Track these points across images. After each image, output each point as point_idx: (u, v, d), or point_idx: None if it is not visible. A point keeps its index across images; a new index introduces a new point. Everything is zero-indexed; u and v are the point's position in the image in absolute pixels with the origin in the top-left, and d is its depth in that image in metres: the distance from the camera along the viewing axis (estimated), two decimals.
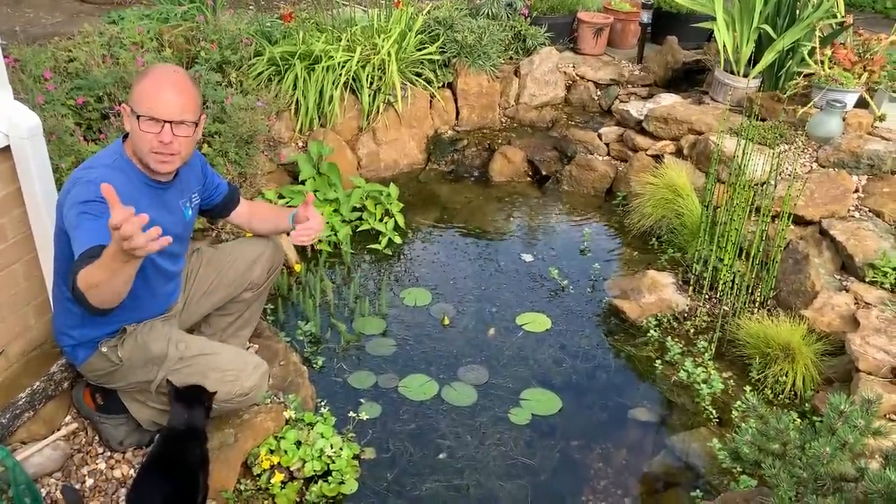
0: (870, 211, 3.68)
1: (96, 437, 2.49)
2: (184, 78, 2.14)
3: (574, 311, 3.55)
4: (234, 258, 2.67)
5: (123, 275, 1.78)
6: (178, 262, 2.43)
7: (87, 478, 2.37)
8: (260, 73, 4.32)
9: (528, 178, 4.86)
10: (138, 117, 2.04)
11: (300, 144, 4.39)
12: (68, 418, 2.53)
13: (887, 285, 3.23)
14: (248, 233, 2.91)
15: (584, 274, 3.83)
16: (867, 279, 3.29)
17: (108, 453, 2.46)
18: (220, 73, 3.98)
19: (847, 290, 3.28)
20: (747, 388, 3.03)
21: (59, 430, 2.47)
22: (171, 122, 2.06)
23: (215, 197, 2.57)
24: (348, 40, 4.60)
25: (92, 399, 2.45)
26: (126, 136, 2.17)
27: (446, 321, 3.43)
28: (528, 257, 4.00)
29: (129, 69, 3.47)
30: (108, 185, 1.66)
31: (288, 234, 2.63)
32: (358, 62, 4.47)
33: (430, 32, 5.04)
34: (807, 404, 2.91)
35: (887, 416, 2.63)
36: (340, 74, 4.42)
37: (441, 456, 2.71)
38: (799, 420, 2.78)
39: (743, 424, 2.67)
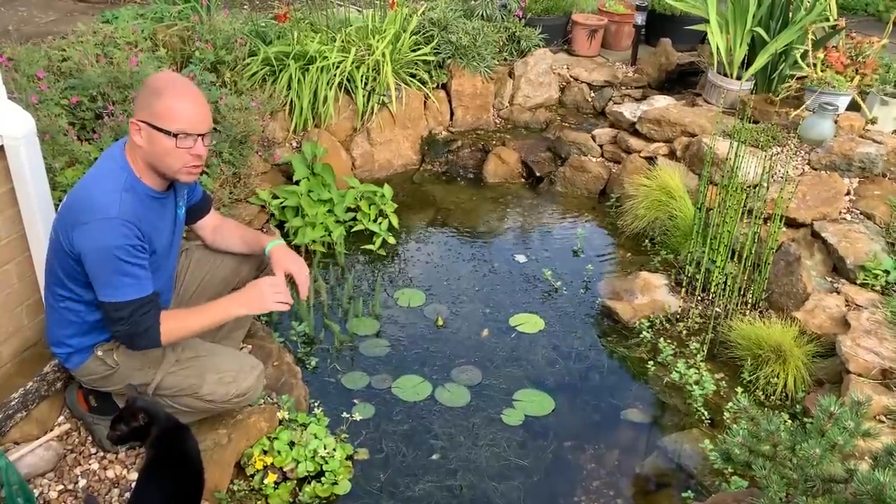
0: (861, 213, 3.70)
1: (89, 438, 2.49)
2: (196, 87, 2.18)
3: (567, 312, 3.56)
4: (223, 257, 2.66)
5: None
6: (175, 262, 2.45)
7: (79, 478, 2.36)
8: (254, 74, 4.32)
9: (522, 180, 4.88)
10: (175, 136, 2.05)
11: (294, 145, 4.39)
12: (61, 418, 2.52)
13: (878, 287, 3.26)
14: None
15: (578, 275, 3.85)
16: (858, 281, 3.31)
17: (102, 454, 2.46)
18: (215, 74, 3.98)
19: (838, 292, 3.30)
20: (739, 389, 3.04)
21: (52, 430, 2.46)
22: (202, 135, 2.11)
23: (192, 199, 2.52)
24: (343, 41, 4.61)
25: (85, 400, 2.45)
26: (124, 146, 2.17)
27: (440, 322, 3.44)
28: (521, 258, 4.01)
29: (123, 69, 3.46)
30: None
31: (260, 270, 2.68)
32: (352, 63, 4.48)
33: (424, 33, 5.05)
34: (798, 406, 2.93)
35: (877, 418, 2.65)
36: (335, 75, 4.42)
37: (434, 457, 2.71)
38: (790, 421, 2.81)
39: (734, 426, 2.68)
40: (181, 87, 2.12)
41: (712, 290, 3.54)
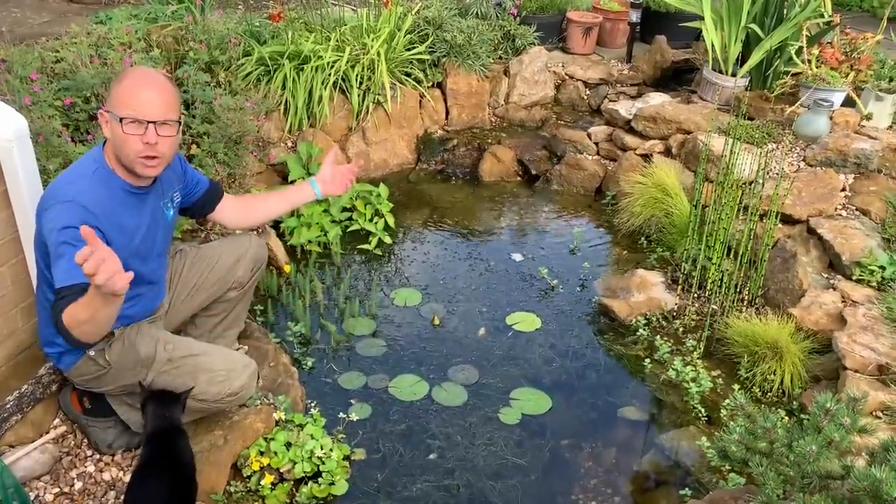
0: (857, 209, 3.70)
1: (85, 440, 2.48)
2: (161, 78, 2.14)
3: (564, 311, 3.56)
4: (217, 257, 2.66)
5: (108, 312, 1.80)
6: (163, 264, 2.43)
7: (75, 481, 2.36)
8: (249, 74, 4.31)
9: (518, 178, 4.87)
10: (121, 120, 2.02)
11: (289, 145, 4.38)
12: (57, 421, 2.52)
13: (874, 283, 3.25)
14: (237, 230, 2.88)
15: (574, 273, 3.84)
16: (854, 277, 3.31)
17: (98, 456, 2.46)
18: (209, 74, 3.97)
19: (834, 289, 3.30)
20: (736, 386, 3.04)
21: (47, 433, 2.46)
22: (154, 123, 2.04)
23: (195, 193, 2.53)
24: (337, 40, 4.60)
25: (79, 402, 2.44)
26: (105, 142, 2.16)
27: (436, 321, 3.44)
28: (517, 257, 4.00)
29: (117, 70, 3.45)
30: (88, 229, 1.61)
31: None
32: (347, 62, 4.47)
33: (419, 32, 5.04)
34: (795, 402, 2.93)
35: (874, 414, 2.65)
36: (330, 74, 4.41)
37: (431, 456, 2.71)
38: (787, 418, 2.80)
39: (731, 423, 2.68)
40: (140, 75, 2.11)
41: (709, 288, 3.54)
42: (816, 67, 4.28)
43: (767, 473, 1.91)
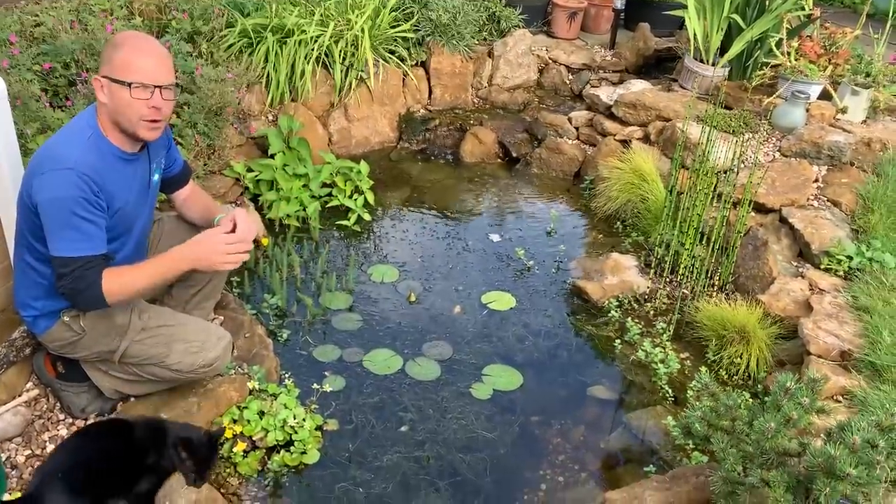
0: (828, 200, 3.77)
1: (57, 404, 2.49)
2: (158, 43, 2.19)
3: (538, 291, 3.60)
4: (195, 228, 2.66)
5: (169, 281, 2.25)
6: (148, 229, 2.44)
7: (47, 444, 2.37)
8: (231, 45, 4.28)
9: (499, 160, 4.90)
10: (130, 85, 2.05)
11: (270, 118, 4.36)
12: (30, 384, 2.52)
13: (841, 272, 3.33)
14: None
15: (550, 255, 3.89)
16: (822, 266, 3.38)
17: (70, 420, 2.46)
18: (191, 44, 3.94)
19: (802, 277, 3.37)
20: (703, 368, 3.11)
21: (20, 395, 2.46)
22: (160, 87, 2.10)
23: (171, 170, 2.53)
24: (322, 15, 4.57)
25: (52, 367, 2.44)
26: (95, 107, 2.16)
27: (412, 298, 3.47)
28: (495, 237, 4.04)
29: (98, 36, 3.42)
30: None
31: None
32: (331, 37, 4.45)
33: (404, 10, 5.03)
34: (759, 385, 3.00)
35: (834, 398, 2.72)
36: (313, 49, 4.40)
37: (403, 429, 2.75)
38: (751, 400, 2.88)
39: (697, 403, 2.75)
40: (140, 40, 2.14)
41: (680, 272, 3.60)
42: (795, 60, 4.33)
43: (728, 450, 1.97)
